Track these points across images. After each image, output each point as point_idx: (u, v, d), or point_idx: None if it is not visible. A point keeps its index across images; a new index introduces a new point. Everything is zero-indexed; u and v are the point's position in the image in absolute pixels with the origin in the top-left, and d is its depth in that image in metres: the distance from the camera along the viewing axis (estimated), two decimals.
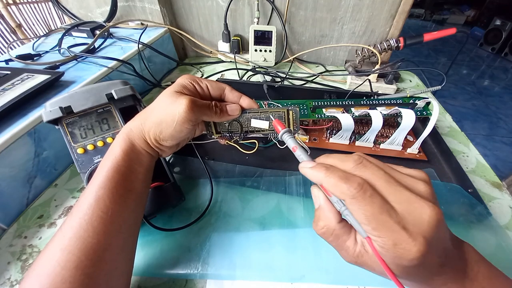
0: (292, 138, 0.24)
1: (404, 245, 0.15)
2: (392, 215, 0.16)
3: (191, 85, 0.27)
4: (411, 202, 0.17)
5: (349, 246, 0.18)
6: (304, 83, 0.63)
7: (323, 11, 0.63)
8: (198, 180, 0.38)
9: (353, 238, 0.19)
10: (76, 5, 0.68)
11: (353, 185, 0.17)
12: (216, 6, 0.66)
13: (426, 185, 0.18)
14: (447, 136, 0.48)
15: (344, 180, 0.17)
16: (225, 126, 0.30)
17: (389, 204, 0.17)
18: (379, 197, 0.17)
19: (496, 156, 1.59)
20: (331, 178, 0.18)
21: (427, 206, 0.16)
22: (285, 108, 0.28)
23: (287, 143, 0.24)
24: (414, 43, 0.58)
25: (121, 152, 0.24)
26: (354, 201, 0.17)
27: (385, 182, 0.17)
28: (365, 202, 0.16)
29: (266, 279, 0.28)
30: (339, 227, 0.19)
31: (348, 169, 0.19)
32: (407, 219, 0.16)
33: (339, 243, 0.19)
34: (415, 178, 0.18)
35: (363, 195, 0.16)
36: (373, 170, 0.18)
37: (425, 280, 0.18)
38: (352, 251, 0.18)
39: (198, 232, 0.32)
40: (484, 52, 2.85)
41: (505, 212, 0.35)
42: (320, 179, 0.19)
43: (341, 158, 0.20)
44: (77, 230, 0.21)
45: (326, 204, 0.19)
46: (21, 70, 0.44)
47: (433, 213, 0.16)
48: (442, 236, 0.17)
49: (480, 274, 0.19)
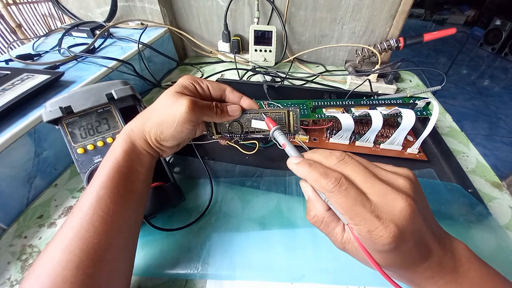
0: (282, 135, 0.25)
1: (377, 232, 0.17)
2: (366, 205, 0.18)
3: (192, 85, 0.27)
4: (386, 194, 0.18)
5: (338, 233, 0.20)
6: (304, 83, 0.63)
7: (323, 11, 0.63)
8: (198, 180, 0.38)
9: (341, 226, 0.20)
10: (76, 5, 0.68)
11: (331, 180, 0.19)
12: (216, 6, 0.66)
13: (406, 181, 0.19)
14: (447, 136, 0.48)
15: (324, 176, 0.19)
16: (226, 127, 0.30)
17: (365, 196, 0.18)
18: (354, 190, 0.18)
19: (496, 156, 1.59)
20: (313, 174, 0.20)
21: (400, 197, 0.18)
22: (286, 109, 0.28)
23: (278, 140, 0.26)
24: (414, 43, 0.58)
25: (122, 152, 0.25)
26: (331, 195, 0.18)
27: (363, 176, 0.19)
28: (340, 195, 0.18)
29: (266, 279, 0.28)
30: (328, 215, 0.20)
31: (330, 165, 0.20)
32: (381, 209, 0.17)
33: (329, 230, 0.21)
34: (397, 175, 0.20)
35: (338, 189, 0.18)
36: (353, 166, 0.20)
37: (408, 269, 0.19)
38: (340, 237, 0.20)
39: (198, 232, 0.32)
40: (484, 52, 2.85)
41: (505, 212, 0.35)
42: (304, 174, 0.21)
43: (325, 155, 0.21)
44: (78, 230, 0.21)
45: (314, 195, 0.21)
46: (21, 70, 0.44)
47: (405, 204, 0.17)
48: (418, 227, 0.18)
49: (472, 271, 0.19)
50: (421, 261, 0.18)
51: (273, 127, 0.26)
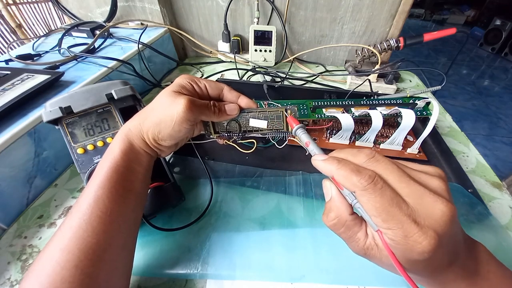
0: (305, 133, 0.24)
1: (415, 238, 0.15)
2: (402, 207, 0.16)
3: (190, 85, 0.27)
4: (424, 196, 0.16)
5: (360, 238, 0.19)
6: (304, 83, 0.63)
7: (323, 11, 0.63)
8: (198, 180, 0.38)
9: (364, 231, 0.19)
10: (76, 5, 0.68)
11: (364, 177, 0.17)
12: (216, 6, 0.66)
13: (440, 181, 0.18)
14: (447, 136, 0.48)
15: (356, 173, 0.17)
16: (224, 126, 0.30)
17: (400, 197, 0.16)
18: (389, 189, 0.17)
19: (496, 156, 1.59)
20: (343, 171, 0.18)
21: (440, 201, 0.16)
22: (283, 108, 0.28)
23: (301, 138, 0.25)
24: (414, 43, 0.58)
25: (120, 152, 0.24)
26: (364, 193, 0.17)
27: (397, 176, 0.17)
28: (375, 194, 0.16)
29: (266, 279, 0.28)
30: (351, 218, 0.19)
31: (360, 163, 0.19)
32: (419, 212, 0.16)
33: (350, 235, 0.19)
34: (429, 174, 0.18)
35: (373, 187, 0.16)
36: (385, 165, 0.18)
37: (434, 275, 0.18)
38: (362, 243, 0.18)
39: (198, 232, 0.32)
40: (484, 52, 2.85)
41: (505, 212, 0.35)
42: (332, 171, 0.19)
43: (353, 153, 0.20)
44: (76, 230, 0.21)
45: (338, 196, 0.19)
46: (21, 70, 0.44)
47: (446, 208, 0.16)
48: (454, 233, 0.17)
49: (491, 273, 0.19)
50: (449, 265, 0.17)
51: (295, 126, 0.25)
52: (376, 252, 0.18)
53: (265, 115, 0.29)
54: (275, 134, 0.30)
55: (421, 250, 0.15)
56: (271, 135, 0.30)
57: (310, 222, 0.33)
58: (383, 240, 0.17)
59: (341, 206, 0.19)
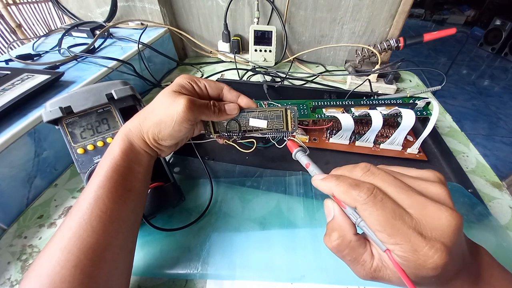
0: (304, 156, 0.25)
1: (424, 252, 0.14)
2: (406, 220, 0.15)
3: (189, 84, 0.27)
4: (426, 206, 0.16)
5: (366, 260, 0.18)
6: (304, 83, 0.63)
7: (323, 11, 0.63)
8: (198, 180, 0.38)
9: (370, 252, 0.18)
10: (76, 5, 0.68)
11: (362, 190, 0.16)
12: (216, 6, 0.66)
13: (440, 186, 0.17)
14: (447, 136, 0.48)
15: (354, 187, 0.17)
16: (223, 126, 0.30)
17: (403, 209, 0.16)
18: (390, 201, 0.16)
19: (496, 156, 1.59)
20: (341, 186, 0.18)
21: (444, 210, 0.15)
22: (283, 107, 0.28)
23: (300, 161, 0.25)
24: (414, 43, 0.58)
25: (120, 152, 0.24)
26: (365, 207, 0.16)
27: (396, 187, 0.17)
28: (376, 207, 0.16)
29: (266, 279, 0.28)
30: (355, 239, 0.18)
31: (357, 177, 0.18)
32: (424, 224, 0.15)
33: (355, 257, 0.18)
34: (427, 181, 0.18)
35: (373, 200, 0.16)
36: (382, 176, 0.18)
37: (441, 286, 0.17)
38: (369, 265, 0.17)
39: (198, 232, 0.32)
40: (484, 52, 2.85)
41: (505, 212, 0.35)
42: (331, 188, 0.19)
43: (348, 169, 0.20)
44: (76, 229, 0.21)
45: (341, 214, 0.19)
46: (21, 70, 0.44)
47: (451, 217, 0.15)
48: (461, 241, 0.16)
49: (494, 277, 0.18)
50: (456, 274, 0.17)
51: (295, 149, 0.26)
52: (384, 273, 0.17)
53: (265, 115, 0.29)
54: (275, 134, 0.30)
55: (434, 265, 0.14)
56: (271, 135, 0.30)
57: (310, 222, 0.33)
58: (393, 260, 0.16)
59: (344, 225, 0.18)
